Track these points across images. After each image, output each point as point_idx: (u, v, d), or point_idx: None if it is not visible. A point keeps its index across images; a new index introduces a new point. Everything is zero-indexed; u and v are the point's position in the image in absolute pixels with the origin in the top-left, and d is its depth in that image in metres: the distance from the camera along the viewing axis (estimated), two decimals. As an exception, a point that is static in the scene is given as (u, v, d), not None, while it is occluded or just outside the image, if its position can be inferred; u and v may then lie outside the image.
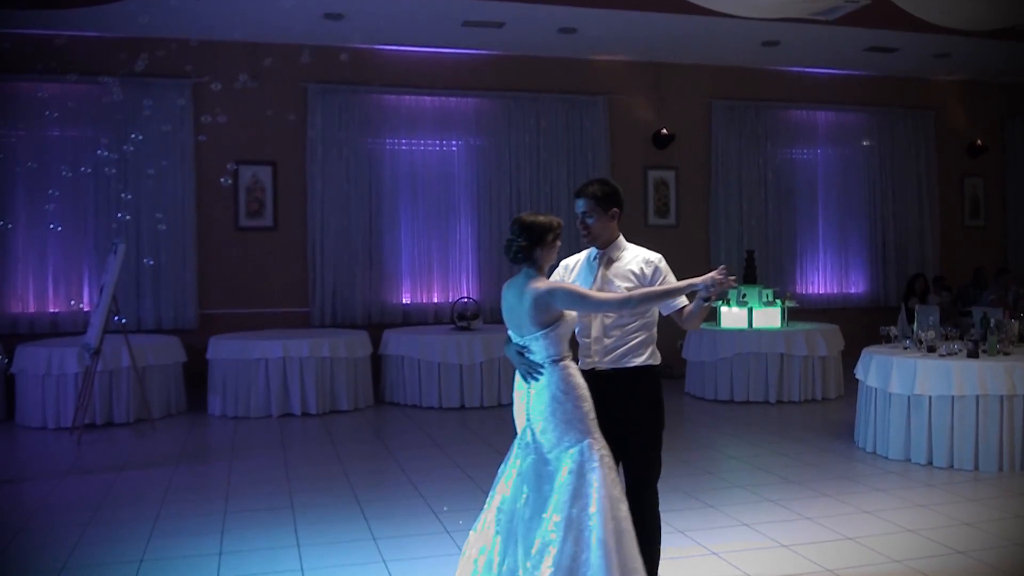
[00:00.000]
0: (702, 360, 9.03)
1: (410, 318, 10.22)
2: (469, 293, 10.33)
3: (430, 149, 10.46)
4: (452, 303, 9.99)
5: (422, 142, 10.41)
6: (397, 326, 9.92)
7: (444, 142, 10.49)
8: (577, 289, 3.36)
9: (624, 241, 3.70)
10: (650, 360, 3.59)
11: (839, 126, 12.01)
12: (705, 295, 3.36)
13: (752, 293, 9.15)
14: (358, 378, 8.65)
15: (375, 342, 9.09)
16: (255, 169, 9.85)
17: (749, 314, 9.03)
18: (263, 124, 9.58)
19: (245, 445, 7.18)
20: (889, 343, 7.07)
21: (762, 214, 11.48)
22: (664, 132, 11.02)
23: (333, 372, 8.46)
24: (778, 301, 9.23)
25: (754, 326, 9.00)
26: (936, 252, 12.20)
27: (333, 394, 8.47)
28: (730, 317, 9.12)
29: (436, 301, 10.37)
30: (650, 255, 3.66)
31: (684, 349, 9.27)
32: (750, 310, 9.04)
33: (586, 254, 3.75)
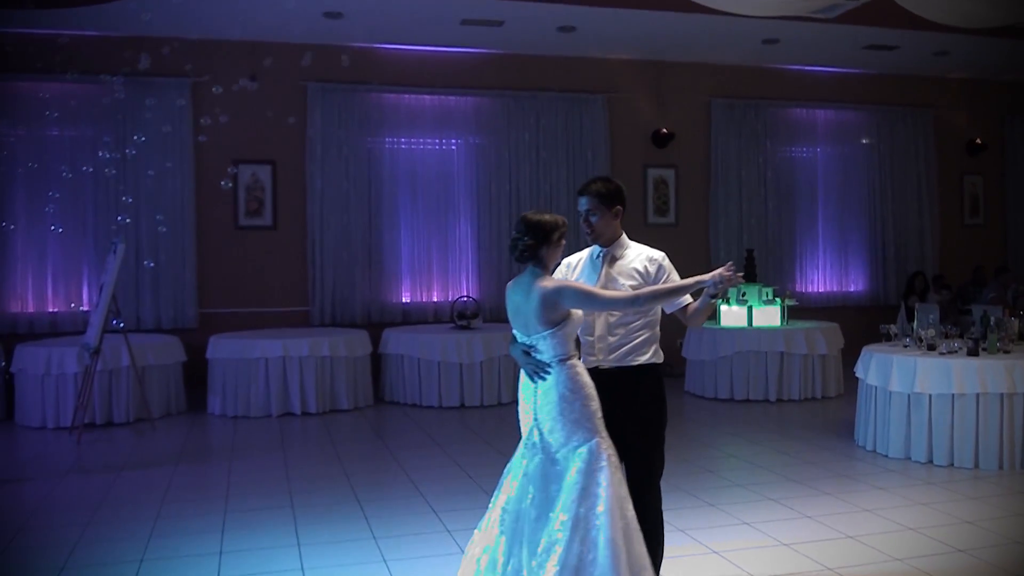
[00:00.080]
0: (702, 359, 9.03)
1: (410, 317, 10.22)
2: (469, 292, 10.32)
3: (429, 148, 10.45)
4: (452, 302, 9.98)
5: (421, 141, 10.40)
6: (397, 325, 9.91)
7: (443, 141, 10.48)
8: (586, 287, 3.35)
9: (627, 239, 3.70)
10: (653, 358, 3.58)
11: (839, 124, 12.01)
12: (713, 291, 3.35)
13: (752, 291, 9.15)
14: (358, 377, 8.65)
15: (375, 341, 9.09)
16: (254, 168, 9.84)
17: (749, 312, 9.03)
18: (262, 123, 9.57)
19: (245, 444, 7.18)
20: (889, 341, 7.06)
21: (762, 213, 11.48)
22: (663, 131, 11.02)
23: (333, 371, 8.45)
24: (778, 299, 9.23)
25: (754, 325, 9.00)
26: (936, 250, 12.20)
27: (333, 393, 8.47)
28: (730, 316, 9.11)
29: (436, 300, 10.37)
30: (653, 253, 3.66)
31: (684, 348, 9.27)
32: (750, 308, 9.04)
33: (588, 252, 3.74)
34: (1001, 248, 12.69)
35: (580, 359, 3.39)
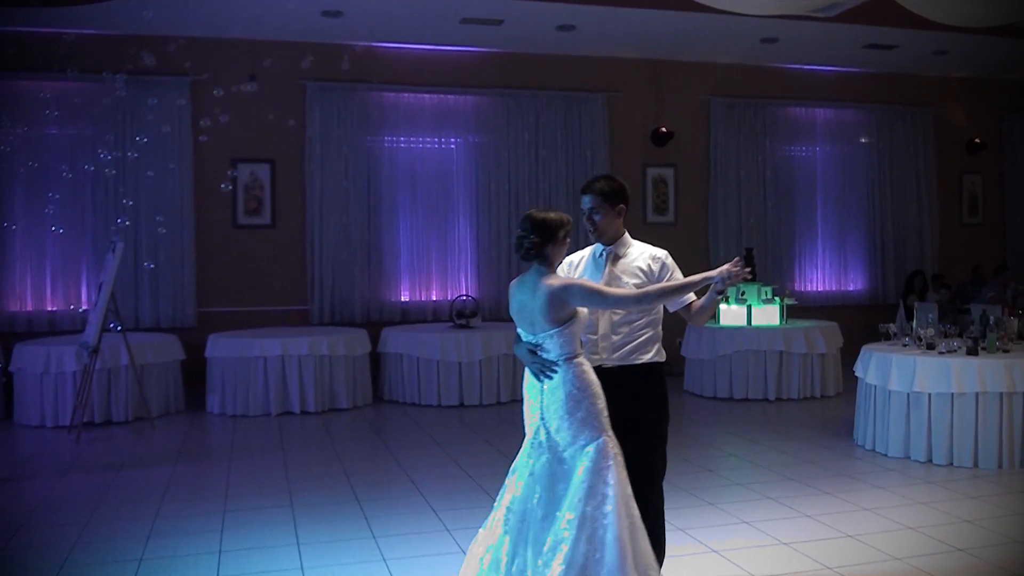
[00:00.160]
0: (701, 358, 9.03)
1: (409, 316, 10.21)
2: (468, 291, 10.31)
3: (429, 147, 10.44)
4: (451, 301, 9.98)
5: (421, 140, 10.39)
6: (396, 324, 9.90)
7: (443, 140, 10.47)
8: (593, 285, 3.34)
9: (629, 237, 3.70)
10: (656, 357, 3.58)
11: (838, 123, 12.00)
12: (721, 287, 3.34)
13: (751, 290, 9.15)
14: (357, 376, 8.65)
15: (374, 340, 9.09)
16: (253, 167, 9.82)
17: (748, 311, 9.03)
18: (261, 122, 9.55)
19: (244, 443, 7.17)
20: (888, 340, 7.07)
21: (761, 211, 11.47)
22: (663, 129, 11.01)
23: (332, 370, 8.45)
24: (777, 298, 9.23)
25: (753, 324, 9.00)
26: (935, 249, 12.20)
27: (332, 392, 8.47)
28: (729, 315, 9.11)
29: (435, 299, 10.36)
30: (656, 251, 3.66)
31: (683, 347, 9.27)
32: (749, 307, 9.04)
33: (591, 251, 3.74)
34: (1000, 247, 12.69)
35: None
